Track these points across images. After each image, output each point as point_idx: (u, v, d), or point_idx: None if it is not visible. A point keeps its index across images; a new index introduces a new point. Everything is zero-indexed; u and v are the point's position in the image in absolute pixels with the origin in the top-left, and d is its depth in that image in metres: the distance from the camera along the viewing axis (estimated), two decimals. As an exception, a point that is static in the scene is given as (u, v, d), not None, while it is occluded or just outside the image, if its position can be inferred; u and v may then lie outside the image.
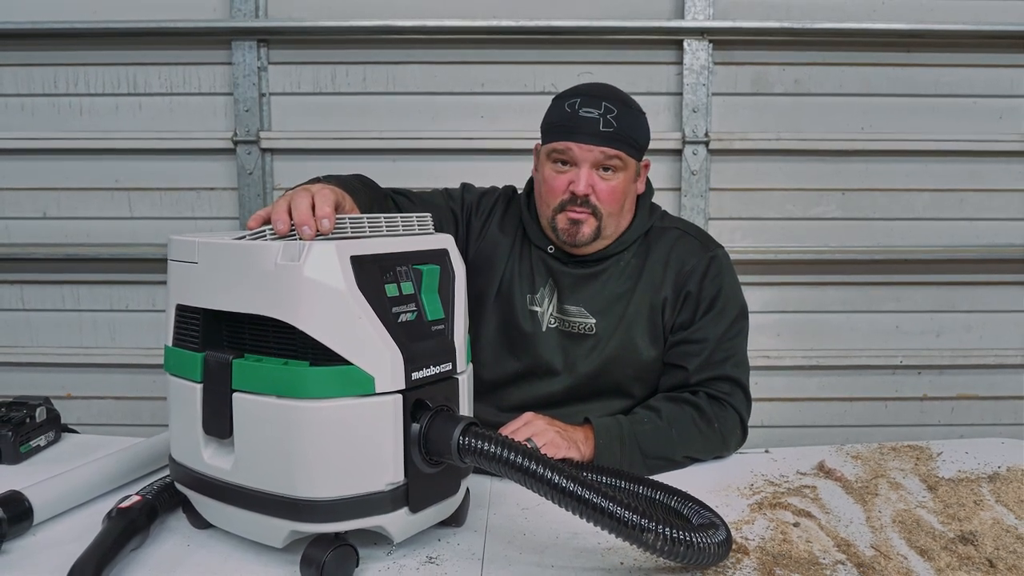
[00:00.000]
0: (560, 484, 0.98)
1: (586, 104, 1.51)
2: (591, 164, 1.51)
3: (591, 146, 1.49)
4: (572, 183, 1.51)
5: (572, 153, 1.51)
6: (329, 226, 1.07)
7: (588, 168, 1.51)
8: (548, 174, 1.55)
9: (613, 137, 1.50)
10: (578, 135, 1.50)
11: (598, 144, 1.49)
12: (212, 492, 1.09)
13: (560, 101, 1.55)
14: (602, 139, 1.49)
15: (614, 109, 1.51)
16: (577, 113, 1.51)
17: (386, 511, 1.04)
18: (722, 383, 1.54)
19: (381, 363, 1.01)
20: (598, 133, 1.49)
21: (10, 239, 2.78)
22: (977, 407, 2.86)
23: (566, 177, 1.52)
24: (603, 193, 1.52)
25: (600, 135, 1.49)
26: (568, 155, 1.51)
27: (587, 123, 1.50)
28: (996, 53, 2.68)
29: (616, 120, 1.50)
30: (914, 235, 2.76)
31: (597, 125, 1.50)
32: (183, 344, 1.12)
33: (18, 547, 1.13)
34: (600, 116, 1.50)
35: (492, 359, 1.59)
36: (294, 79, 2.71)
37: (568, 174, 1.52)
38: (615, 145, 1.50)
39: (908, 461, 1.49)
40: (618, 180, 1.53)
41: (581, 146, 1.50)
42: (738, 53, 2.68)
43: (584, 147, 1.50)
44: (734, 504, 1.30)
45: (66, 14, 2.64)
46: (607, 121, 1.49)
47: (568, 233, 1.53)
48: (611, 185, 1.52)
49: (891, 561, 1.11)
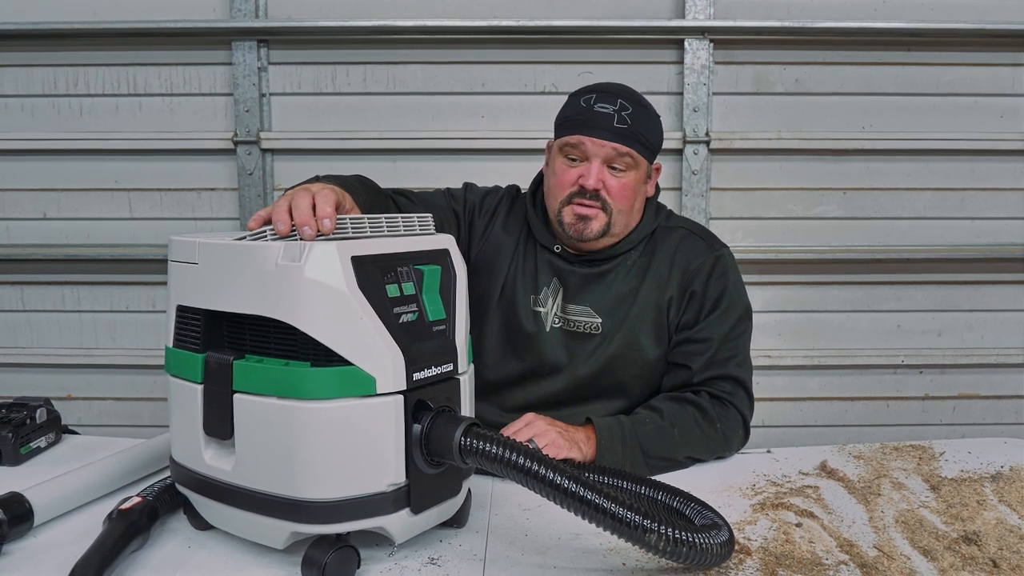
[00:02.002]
0: (562, 485, 0.97)
1: (602, 100, 1.51)
2: (603, 159, 1.50)
3: (603, 141, 1.49)
4: (582, 176, 1.51)
5: (584, 147, 1.50)
6: (330, 226, 1.06)
7: (599, 163, 1.50)
8: (559, 167, 1.54)
9: (626, 134, 1.50)
10: (591, 129, 1.50)
11: (611, 140, 1.49)
12: (213, 493, 1.09)
13: (576, 97, 1.55)
14: (615, 135, 1.49)
15: (629, 107, 1.51)
16: (592, 108, 1.50)
17: (388, 512, 1.04)
18: (725, 383, 1.54)
19: (382, 364, 1.01)
20: (611, 129, 1.49)
21: (10, 240, 2.78)
22: (979, 406, 2.86)
23: (576, 171, 1.52)
24: (614, 189, 1.52)
25: (613, 131, 1.49)
26: (580, 150, 1.51)
27: (601, 118, 1.49)
28: (997, 52, 2.68)
29: (630, 118, 1.50)
30: (915, 234, 2.76)
31: (611, 121, 1.49)
32: (184, 345, 1.11)
33: (19, 548, 1.13)
34: (615, 112, 1.49)
35: (495, 360, 1.59)
36: (294, 79, 2.71)
37: (579, 168, 1.52)
38: (627, 142, 1.50)
39: (911, 461, 1.49)
40: (629, 178, 1.52)
41: (594, 140, 1.49)
42: (739, 52, 2.68)
43: (597, 142, 1.49)
44: (736, 504, 1.30)
45: (66, 15, 2.64)
46: (621, 118, 1.49)
47: (575, 228, 1.52)
48: (622, 182, 1.52)
49: (894, 561, 1.10)
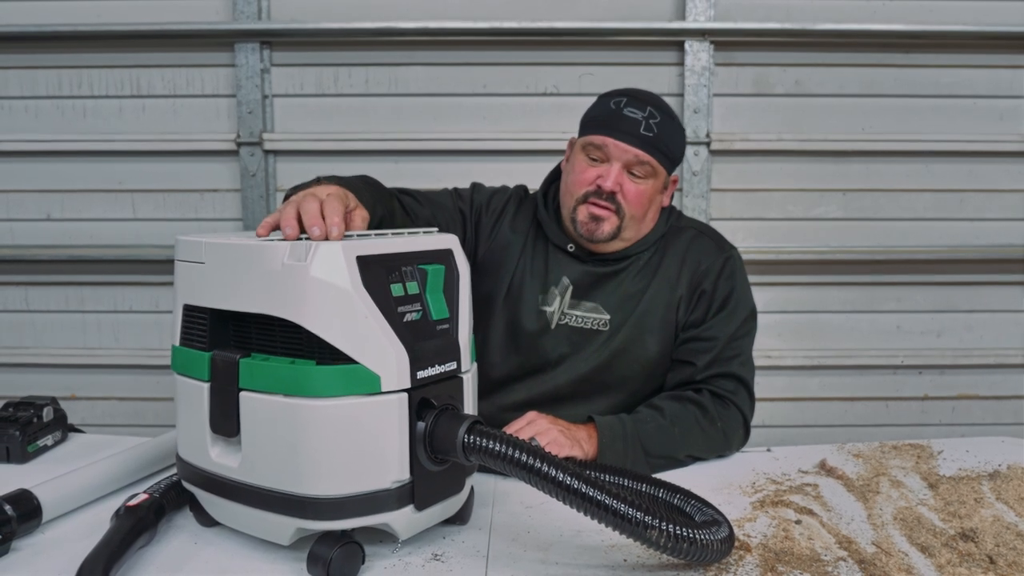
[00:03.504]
0: (565, 482, 0.98)
1: (632, 105, 1.52)
2: (623, 164, 1.51)
3: (627, 146, 1.50)
4: (601, 177, 1.52)
5: (608, 150, 1.51)
6: (338, 234, 1.06)
7: (620, 167, 1.52)
8: (579, 165, 1.55)
9: (651, 142, 1.51)
10: (617, 132, 1.51)
11: (635, 145, 1.50)
12: (219, 490, 1.10)
13: (606, 98, 1.56)
14: (640, 141, 1.50)
15: (658, 116, 1.52)
16: (621, 111, 1.52)
17: (392, 509, 1.05)
18: (727, 381, 1.55)
19: (387, 362, 1.02)
20: (637, 135, 1.50)
21: (14, 241, 2.79)
22: (978, 407, 2.87)
23: (596, 171, 1.53)
24: (630, 194, 1.53)
25: (639, 137, 1.50)
26: (603, 151, 1.52)
27: (629, 123, 1.51)
28: (996, 54, 2.69)
29: (658, 127, 1.51)
30: (915, 235, 2.77)
31: (638, 127, 1.50)
32: (190, 344, 1.12)
33: (27, 545, 1.14)
34: (644, 119, 1.50)
35: (500, 359, 1.60)
36: (297, 81, 2.72)
37: (599, 168, 1.53)
38: (650, 150, 1.51)
39: (909, 459, 1.50)
40: (646, 186, 1.54)
41: (617, 144, 1.50)
42: (739, 54, 2.69)
43: (620, 145, 1.50)
44: (736, 502, 1.31)
45: (70, 17, 2.65)
46: (648, 125, 1.50)
47: (587, 227, 1.53)
48: (639, 188, 1.53)
49: (892, 558, 1.11)
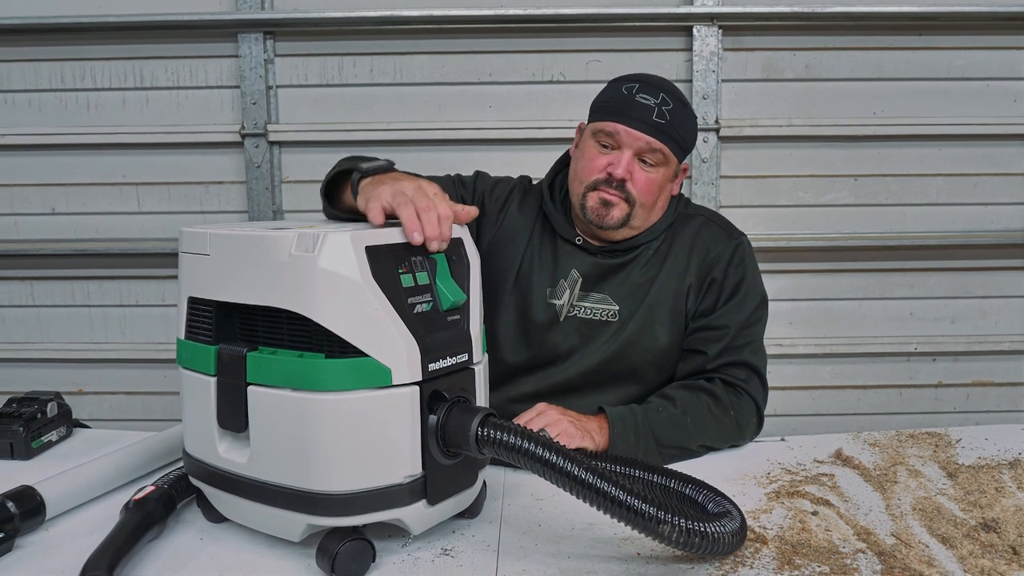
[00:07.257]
0: (580, 476, 0.97)
1: (644, 91, 1.49)
2: (634, 151, 1.49)
3: (639, 133, 1.48)
4: (611, 165, 1.50)
5: (619, 137, 1.49)
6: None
7: (631, 154, 1.49)
8: (589, 152, 1.53)
9: (663, 129, 1.48)
10: (629, 119, 1.48)
11: (646, 132, 1.48)
12: (227, 486, 1.09)
13: (617, 83, 1.54)
14: (652, 128, 1.48)
15: (671, 103, 1.49)
16: (633, 97, 1.49)
17: (404, 504, 1.03)
18: (739, 369, 1.53)
19: (397, 354, 1.00)
20: (650, 122, 1.48)
21: (19, 235, 2.78)
22: (993, 393, 2.84)
23: (607, 159, 1.51)
24: (640, 182, 1.50)
25: (651, 124, 1.48)
26: (614, 139, 1.50)
27: (641, 109, 1.48)
28: (1009, 35, 2.65)
29: (670, 114, 1.48)
30: (928, 220, 2.74)
31: (651, 114, 1.48)
32: (196, 337, 1.11)
33: (31, 542, 1.13)
34: (656, 106, 1.48)
35: (509, 349, 1.58)
36: (301, 71, 2.69)
37: (609, 156, 1.51)
38: (662, 138, 1.48)
39: (927, 448, 1.48)
40: (657, 174, 1.51)
41: (629, 131, 1.48)
42: (748, 39, 2.66)
43: (632, 133, 1.48)
44: (751, 493, 1.29)
45: (72, 9, 2.63)
46: (661, 112, 1.48)
47: (596, 213, 1.51)
48: (649, 177, 1.51)
49: (912, 549, 1.09)
